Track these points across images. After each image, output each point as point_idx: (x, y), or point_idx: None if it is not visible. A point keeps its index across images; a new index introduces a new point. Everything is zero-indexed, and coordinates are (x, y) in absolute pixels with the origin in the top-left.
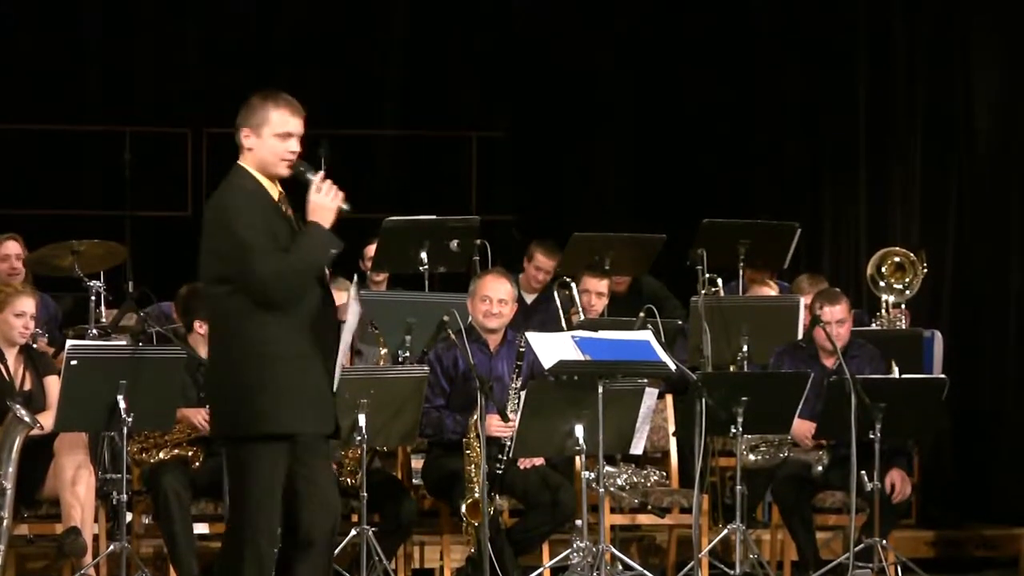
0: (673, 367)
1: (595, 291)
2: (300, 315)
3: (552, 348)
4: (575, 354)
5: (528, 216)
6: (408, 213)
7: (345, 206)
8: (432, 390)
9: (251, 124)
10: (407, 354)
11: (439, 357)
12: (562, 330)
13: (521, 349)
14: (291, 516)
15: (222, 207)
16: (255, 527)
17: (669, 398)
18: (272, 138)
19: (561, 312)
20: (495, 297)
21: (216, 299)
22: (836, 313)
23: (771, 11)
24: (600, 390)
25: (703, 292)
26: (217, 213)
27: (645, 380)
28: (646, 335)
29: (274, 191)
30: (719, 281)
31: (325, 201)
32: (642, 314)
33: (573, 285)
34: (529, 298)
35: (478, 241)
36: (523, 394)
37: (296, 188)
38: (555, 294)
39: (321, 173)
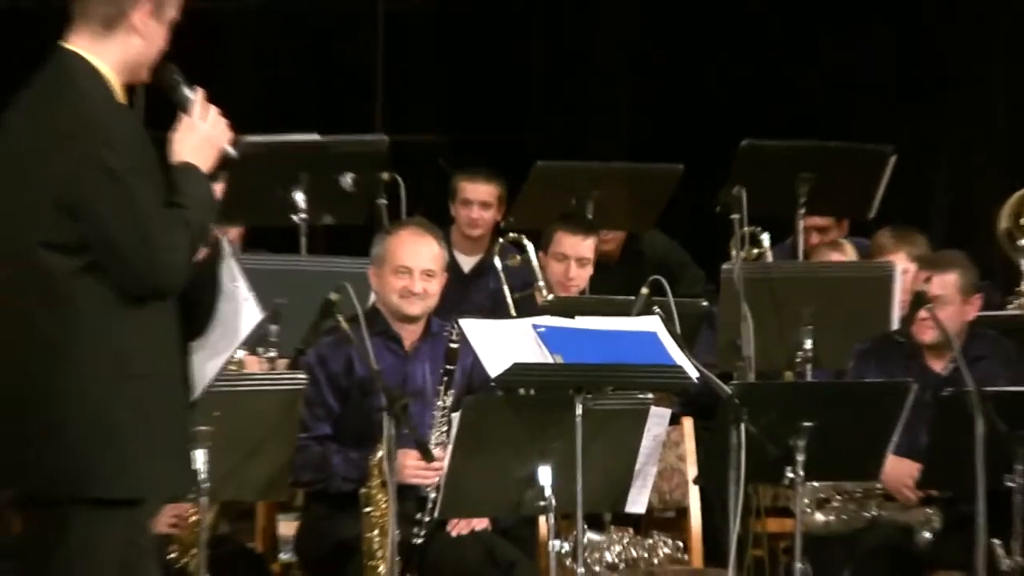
0: (694, 374)
1: (572, 255)
2: (166, 312)
3: (502, 344)
4: (538, 353)
5: (465, 137)
6: (273, 131)
7: (231, 150)
8: (312, 411)
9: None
10: (272, 353)
11: (323, 359)
12: (517, 315)
13: (452, 345)
14: None
15: (84, 122)
16: None
17: (687, 424)
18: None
19: (507, 289)
20: (417, 267)
21: (43, 276)
22: (948, 286)
23: None
24: (579, 411)
25: (741, 255)
26: (74, 129)
27: (650, 395)
28: (652, 324)
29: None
30: (765, 238)
31: (213, 135)
32: (645, 290)
33: (530, 246)
34: (467, 263)
35: (385, 176)
36: (455, 417)
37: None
38: (497, 261)
39: (200, 91)
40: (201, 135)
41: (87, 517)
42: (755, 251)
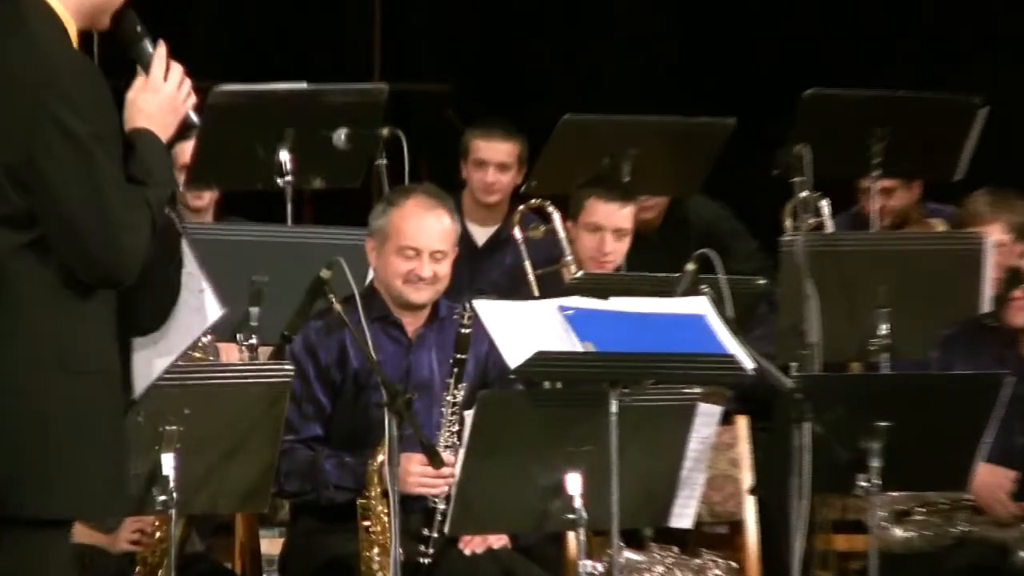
0: (750, 365)
1: (606, 225)
2: (110, 302)
3: (522, 329)
4: (565, 340)
5: (477, 85)
6: (255, 79)
7: (194, 117)
8: (299, 408)
9: None
10: (252, 340)
11: (312, 348)
12: (540, 296)
13: (464, 331)
14: None
15: (41, 72)
16: None
17: (741, 423)
18: None
19: (528, 265)
20: (426, 247)
21: None
22: None
23: None
24: (613, 408)
25: (804, 225)
26: (29, 78)
27: (697, 390)
28: (699, 305)
29: None
30: (825, 206)
31: (175, 98)
32: (691, 266)
33: (556, 215)
34: (481, 235)
35: (385, 131)
36: (468, 416)
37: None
38: (516, 232)
39: (163, 46)
40: (162, 98)
41: (41, 538)
42: (812, 221)
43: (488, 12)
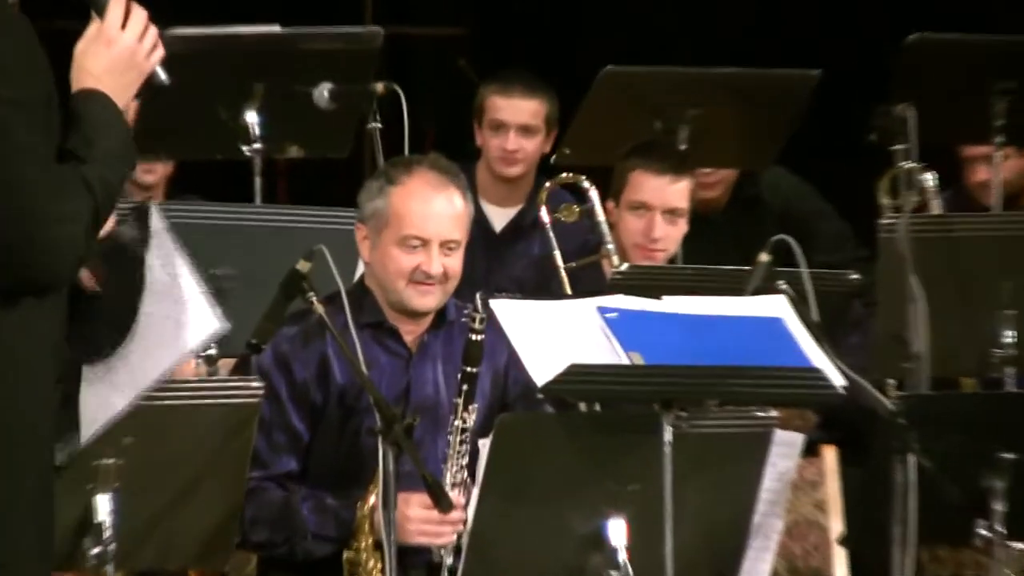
0: (840, 381)
1: (657, 205)
2: (44, 317)
3: (551, 336)
4: (606, 350)
5: (494, 30)
6: (217, 21)
7: (163, 74)
8: (269, 437)
9: None
10: (210, 351)
11: (285, 361)
12: (574, 294)
13: (476, 337)
14: None
15: None
16: None
17: (829, 455)
18: None
19: (559, 255)
20: (436, 236)
21: None
22: None
23: None
24: (667, 436)
25: (907, 204)
26: None
27: (773, 413)
28: (776, 306)
29: None
30: (929, 179)
31: (136, 51)
32: (765, 256)
33: (594, 192)
34: (499, 218)
35: (379, 87)
36: (483, 445)
37: None
38: (543, 213)
39: None
40: (118, 51)
41: None
42: (914, 200)
43: None
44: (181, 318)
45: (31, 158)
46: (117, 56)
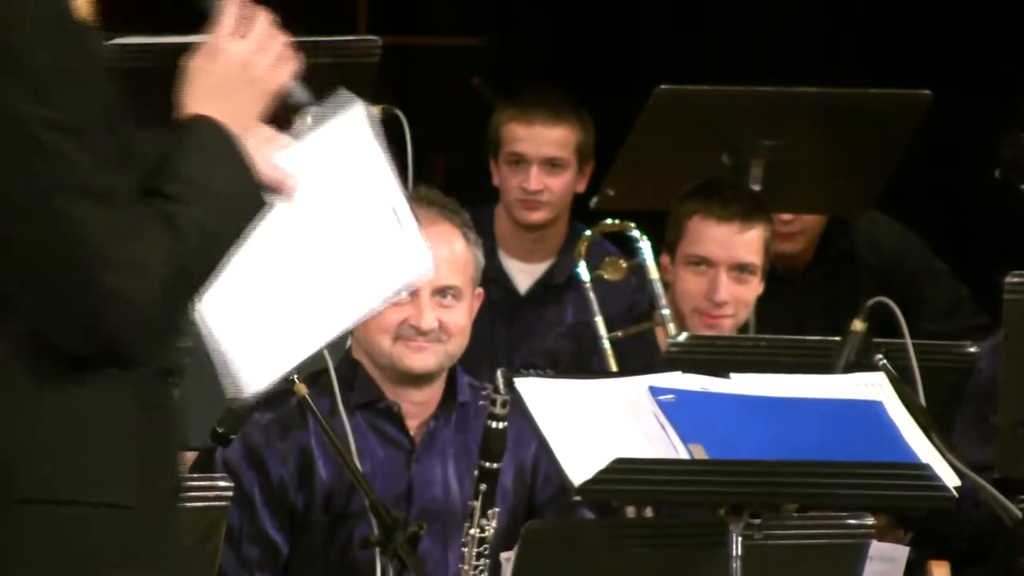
0: (953, 481)
1: (723, 260)
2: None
3: (591, 423)
4: (660, 441)
5: (517, 39)
6: (179, 29)
7: (300, 93)
8: (237, 553)
9: None
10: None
11: (256, 455)
12: (620, 370)
13: (495, 425)
14: None
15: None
16: None
17: (938, 572)
18: None
19: (600, 322)
20: (427, 284)
21: None
22: None
23: None
24: (736, 549)
25: None
26: None
27: (869, 520)
28: (873, 387)
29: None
30: None
31: (258, 65)
32: (859, 324)
33: (645, 244)
34: (524, 276)
35: (377, 109)
36: (506, 560)
37: None
38: (582, 269)
39: None
40: (230, 64)
41: None
42: None
43: None
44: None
45: (84, 191)
46: (228, 71)
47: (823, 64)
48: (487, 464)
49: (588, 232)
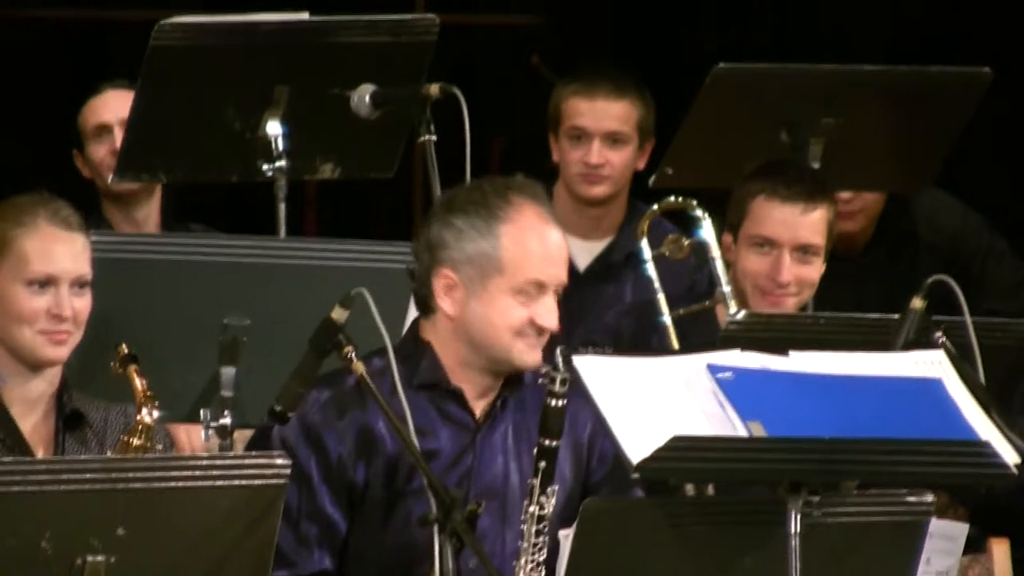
0: (1014, 459)
1: (785, 240)
2: None
3: (650, 401)
4: (719, 419)
5: (579, 19)
6: (229, 7)
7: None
8: (296, 530)
9: None
10: (224, 420)
11: (315, 433)
12: (680, 348)
13: (555, 403)
14: None
15: None
16: None
17: (999, 551)
18: None
19: (662, 299)
20: (556, 280)
21: None
22: None
23: None
24: (794, 526)
25: None
26: None
27: (929, 498)
28: (932, 365)
29: None
30: None
31: None
32: (919, 302)
33: (706, 222)
34: (583, 253)
35: (434, 89)
36: (565, 537)
37: None
38: (644, 247)
39: None
40: None
41: None
42: None
43: None
44: None
45: None
46: None
47: (883, 42)
48: (546, 442)
49: (654, 207)
